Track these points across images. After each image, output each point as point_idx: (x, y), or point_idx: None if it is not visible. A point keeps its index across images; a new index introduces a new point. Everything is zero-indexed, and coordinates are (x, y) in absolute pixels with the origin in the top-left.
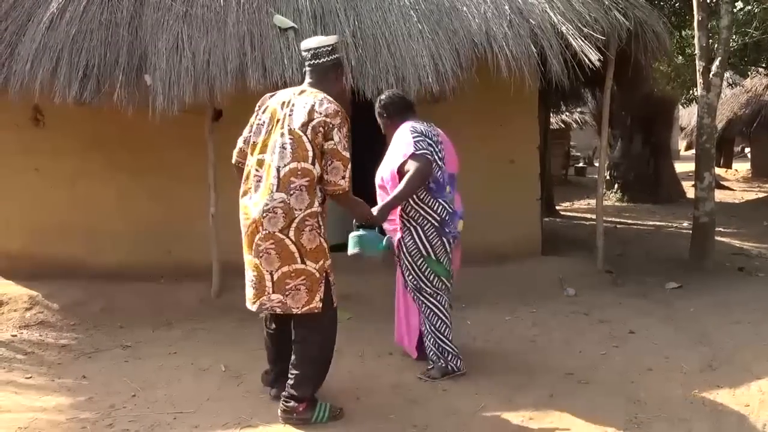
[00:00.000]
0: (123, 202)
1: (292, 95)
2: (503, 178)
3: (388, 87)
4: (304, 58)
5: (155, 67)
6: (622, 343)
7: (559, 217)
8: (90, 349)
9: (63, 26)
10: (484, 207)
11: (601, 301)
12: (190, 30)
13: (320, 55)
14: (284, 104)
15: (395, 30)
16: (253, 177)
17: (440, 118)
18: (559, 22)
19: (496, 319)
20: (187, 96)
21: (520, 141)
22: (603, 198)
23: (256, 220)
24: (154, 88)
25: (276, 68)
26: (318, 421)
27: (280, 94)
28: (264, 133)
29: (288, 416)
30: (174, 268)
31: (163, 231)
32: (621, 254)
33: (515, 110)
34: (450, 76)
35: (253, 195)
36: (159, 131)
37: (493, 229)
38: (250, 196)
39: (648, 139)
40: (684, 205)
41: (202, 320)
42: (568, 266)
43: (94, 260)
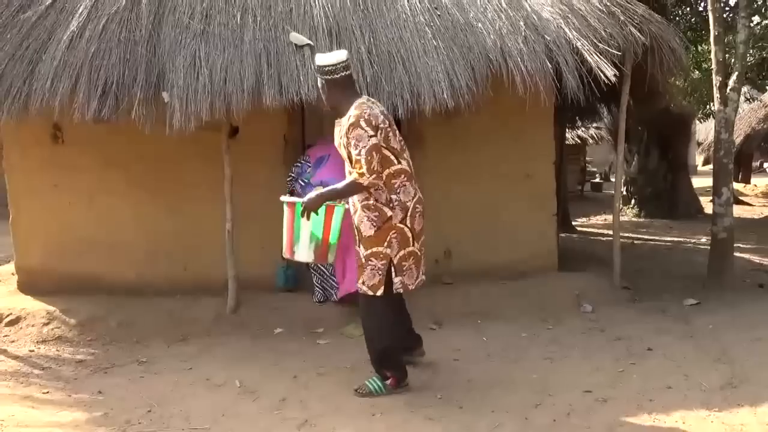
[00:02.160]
0: (140, 218)
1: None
2: (519, 194)
3: (403, 103)
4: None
5: (173, 85)
6: (640, 361)
7: (576, 232)
8: (106, 364)
9: (82, 45)
10: (499, 222)
11: (618, 317)
12: (207, 47)
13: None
14: (383, 109)
15: (410, 46)
16: (413, 174)
17: (455, 133)
18: (574, 37)
19: (513, 336)
20: (204, 113)
21: (536, 156)
22: (619, 213)
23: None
24: (171, 105)
25: (292, 85)
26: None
27: (375, 104)
28: (397, 138)
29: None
30: (190, 283)
31: (180, 247)
32: (638, 270)
33: (531, 126)
34: (465, 92)
35: (416, 185)
36: (176, 148)
37: (509, 245)
38: (416, 187)
39: (665, 155)
40: (702, 220)
41: (218, 336)
42: (584, 282)
43: (111, 276)
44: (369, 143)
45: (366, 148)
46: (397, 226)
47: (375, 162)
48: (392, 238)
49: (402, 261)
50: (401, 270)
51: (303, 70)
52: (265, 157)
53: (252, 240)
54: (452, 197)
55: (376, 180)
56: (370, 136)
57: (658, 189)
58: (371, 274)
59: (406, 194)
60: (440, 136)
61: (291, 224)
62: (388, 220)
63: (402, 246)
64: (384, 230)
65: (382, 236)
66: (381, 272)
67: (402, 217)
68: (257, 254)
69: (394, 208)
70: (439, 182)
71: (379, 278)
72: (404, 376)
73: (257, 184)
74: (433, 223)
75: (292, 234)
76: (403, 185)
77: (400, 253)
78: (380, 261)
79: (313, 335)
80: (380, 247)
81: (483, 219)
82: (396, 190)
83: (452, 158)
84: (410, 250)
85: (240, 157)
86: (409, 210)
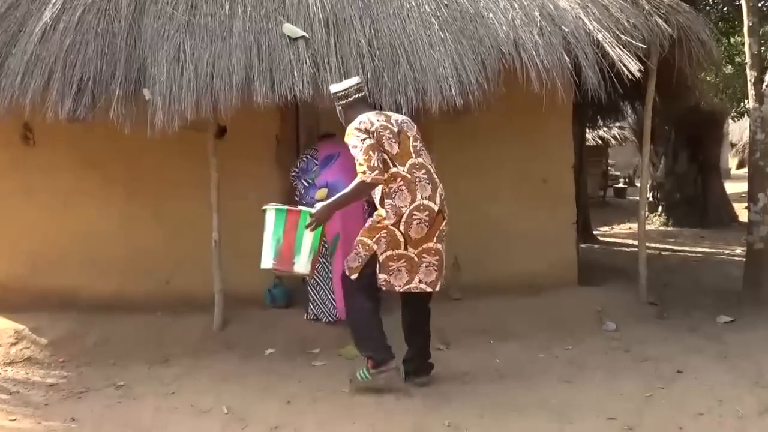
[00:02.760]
0: (118, 226)
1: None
2: (535, 200)
3: (407, 100)
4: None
5: (155, 81)
6: (668, 384)
7: (597, 242)
8: (80, 388)
9: (56, 37)
10: (513, 232)
11: (644, 336)
12: (193, 40)
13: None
14: (389, 118)
15: (415, 39)
16: (418, 179)
17: (465, 134)
18: (594, 29)
19: (528, 356)
20: (189, 111)
21: (553, 159)
22: (645, 222)
23: (439, 210)
24: (153, 102)
25: (285, 81)
26: (361, 379)
27: (380, 114)
28: (395, 143)
29: None
30: (173, 298)
31: (162, 258)
32: (666, 284)
33: (547, 126)
34: (475, 89)
35: (426, 193)
36: (158, 149)
37: (523, 257)
38: (424, 195)
39: (695, 157)
40: (736, 229)
41: (203, 356)
42: (607, 297)
43: (87, 290)
44: (364, 144)
45: (362, 149)
46: (388, 228)
47: (374, 159)
48: (381, 237)
49: (389, 261)
50: (387, 269)
51: (297, 64)
52: (255, 159)
53: (241, 251)
54: (461, 204)
55: (379, 176)
56: (363, 138)
57: (687, 195)
58: (354, 257)
59: (401, 199)
60: (447, 137)
61: (292, 234)
62: (382, 220)
63: (390, 247)
64: (376, 228)
65: (374, 232)
66: (361, 259)
67: (395, 221)
68: (247, 266)
69: (388, 211)
70: (445, 187)
71: (358, 264)
72: (385, 359)
73: (247, 189)
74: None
75: (293, 244)
76: (400, 190)
77: (386, 253)
78: (364, 250)
79: (308, 356)
80: (369, 240)
81: (495, 228)
82: (391, 195)
83: (461, 161)
84: (401, 252)
85: (228, 159)
86: (404, 216)
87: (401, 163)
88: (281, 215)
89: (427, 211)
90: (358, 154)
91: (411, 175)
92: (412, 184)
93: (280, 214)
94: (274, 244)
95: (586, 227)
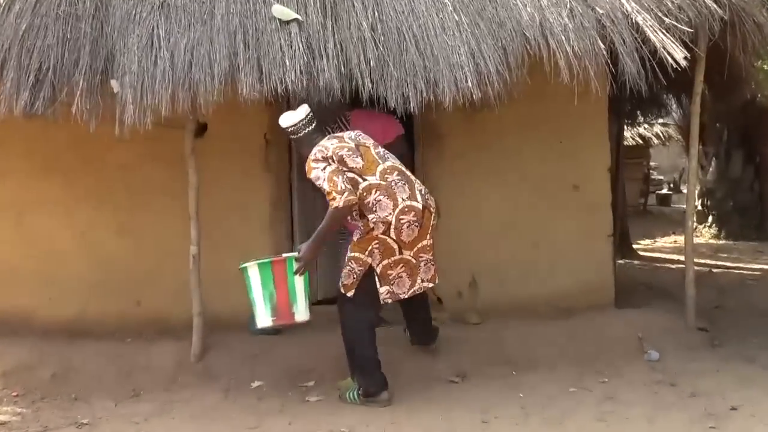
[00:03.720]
0: (82, 239)
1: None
2: (565, 209)
3: (416, 93)
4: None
5: (124, 70)
6: (721, 423)
7: (638, 258)
8: (36, 427)
9: (11, 20)
10: (540, 246)
11: (692, 367)
12: (168, 24)
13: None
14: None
15: (425, 22)
16: (393, 183)
17: (483, 132)
18: (633, 10)
19: (557, 390)
20: (164, 106)
21: (586, 161)
22: (693, 234)
23: (424, 207)
24: (122, 96)
25: (275, 71)
26: (349, 399)
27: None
28: (357, 157)
29: None
30: (145, 322)
31: (132, 276)
32: (718, 306)
33: (579, 123)
34: (495, 79)
35: (405, 194)
36: (128, 151)
37: (551, 274)
38: (404, 197)
39: (750, 158)
40: None
41: (179, 390)
42: (649, 322)
43: (45, 313)
44: (325, 172)
45: (325, 178)
46: (379, 237)
47: (340, 183)
48: (374, 248)
49: (387, 270)
50: (387, 279)
51: (289, 51)
52: (241, 162)
53: (224, 268)
54: (478, 213)
55: (350, 196)
56: (323, 168)
57: (742, 202)
58: (347, 273)
59: (383, 209)
60: (463, 136)
61: (283, 284)
62: (371, 231)
63: (385, 255)
64: (367, 240)
65: (365, 245)
66: (355, 275)
67: (384, 230)
68: (230, 286)
69: (375, 223)
70: (461, 194)
71: (353, 280)
72: (377, 390)
73: (231, 196)
74: (454, 245)
75: (287, 295)
76: (377, 201)
77: (383, 262)
78: (358, 266)
79: (301, 390)
80: (362, 254)
81: (518, 241)
82: (372, 209)
83: (478, 164)
84: (397, 258)
85: (209, 162)
86: (392, 223)
87: (371, 173)
88: (266, 269)
89: (413, 211)
90: (323, 184)
91: (385, 182)
92: (389, 190)
93: (265, 267)
94: (267, 301)
95: (625, 240)
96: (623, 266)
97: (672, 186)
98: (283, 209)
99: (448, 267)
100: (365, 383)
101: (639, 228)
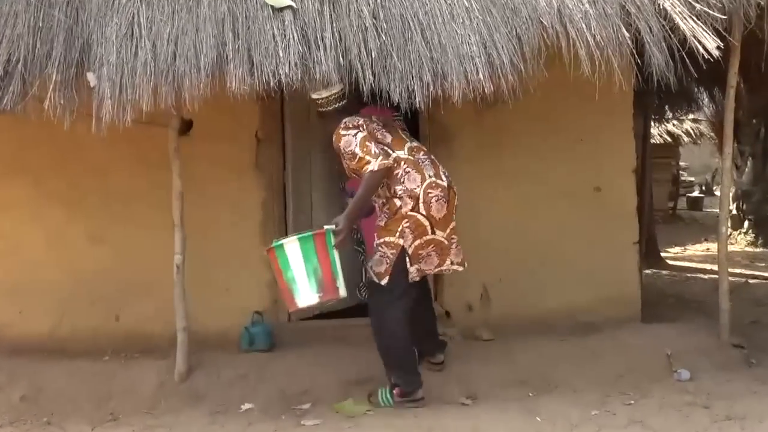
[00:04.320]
0: (56, 247)
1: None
2: (585, 214)
3: (422, 86)
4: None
5: (102, 62)
6: None
7: (666, 268)
8: None
9: None
10: (558, 255)
11: (727, 388)
12: (150, 11)
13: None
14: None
15: (432, 8)
16: (420, 161)
17: (495, 129)
18: None
19: (579, 414)
20: (145, 101)
21: (609, 161)
22: (728, 241)
23: (449, 186)
24: (99, 90)
25: (267, 62)
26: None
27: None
28: (386, 133)
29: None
30: (123, 338)
31: (111, 288)
32: (755, 321)
33: (601, 119)
34: (508, 72)
35: (431, 171)
36: (105, 150)
37: (571, 286)
38: (430, 174)
39: None
40: None
41: (161, 413)
42: (679, 338)
43: (15, 329)
44: (357, 138)
45: (357, 143)
46: (408, 214)
47: (373, 147)
48: (405, 228)
49: (418, 249)
50: (417, 258)
51: (282, 41)
52: (230, 163)
53: (211, 279)
54: (490, 219)
55: (384, 160)
56: (354, 134)
57: None
58: (379, 260)
59: (411, 181)
60: (473, 134)
61: (326, 258)
62: (398, 210)
63: (418, 235)
64: (395, 221)
65: (394, 227)
66: (389, 260)
67: (413, 205)
68: (219, 298)
69: (402, 198)
70: (471, 197)
71: (386, 267)
72: (414, 388)
73: (219, 201)
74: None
75: (330, 269)
76: (407, 173)
77: (415, 242)
78: (390, 250)
79: (296, 413)
80: (392, 237)
81: (534, 250)
82: (399, 180)
83: (490, 164)
84: (429, 238)
85: (195, 162)
86: (420, 197)
87: (399, 148)
88: (309, 242)
89: (440, 187)
90: (355, 149)
91: (413, 157)
92: (417, 165)
93: (307, 241)
94: (312, 275)
95: (652, 248)
96: (650, 276)
97: (704, 188)
98: (277, 213)
99: (457, 278)
100: (404, 382)
101: (668, 235)
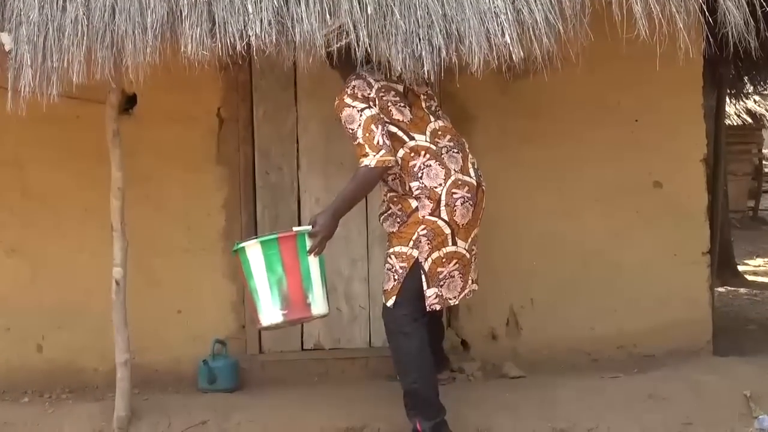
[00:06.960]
0: None
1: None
2: (641, 217)
3: (432, 52)
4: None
5: (20, 20)
6: None
7: (745, 285)
8: None
9: None
10: (606, 269)
11: None
12: None
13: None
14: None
15: None
16: (445, 149)
17: (526, 109)
18: None
19: None
20: (76, 70)
21: (672, 149)
22: None
23: (479, 184)
24: (16, 55)
25: (232, 20)
26: None
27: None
28: (405, 107)
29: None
30: (48, 375)
31: (30, 311)
32: None
33: (662, 95)
34: (543, 34)
35: (457, 165)
36: (24, 135)
37: (624, 309)
38: (455, 168)
39: None
40: None
41: None
42: (761, 375)
43: None
44: (363, 116)
45: (361, 123)
46: (426, 219)
47: (378, 135)
48: (420, 236)
49: (437, 267)
50: (436, 279)
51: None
52: (184, 151)
53: (160, 297)
54: (520, 223)
55: (386, 156)
56: (360, 109)
57: None
58: (386, 276)
59: (432, 177)
60: (498, 114)
61: (295, 267)
62: (414, 212)
63: (436, 246)
64: (410, 225)
65: (407, 233)
66: (397, 276)
67: (433, 208)
68: (170, 323)
69: (419, 198)
70: (495, 196)
71: (394, 284)
72: (435, 414)
73: (171, 198)
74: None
75: (300, 281)
76: (427, 166)
77: (433, 256)
78: (400, 262)
79: None
80: (404, 246)
81: (576, 262)
82: (417, 175)
83: (519, 154)
84: (450, 251)
85: (140, 150)
86: (442, 198)
87: (419, 131)
88: (272, 247)
89: (466, 186)
90: (357, 132)
91: (435, 146)
92: (440, 156)
93: (270, 245)
94: (275, 288)
95: (727, 260)
96: (725, 296)
97: None
98: (243, 215)
99: (477, 298)
100: (431, 414)
101: (747, 243)
